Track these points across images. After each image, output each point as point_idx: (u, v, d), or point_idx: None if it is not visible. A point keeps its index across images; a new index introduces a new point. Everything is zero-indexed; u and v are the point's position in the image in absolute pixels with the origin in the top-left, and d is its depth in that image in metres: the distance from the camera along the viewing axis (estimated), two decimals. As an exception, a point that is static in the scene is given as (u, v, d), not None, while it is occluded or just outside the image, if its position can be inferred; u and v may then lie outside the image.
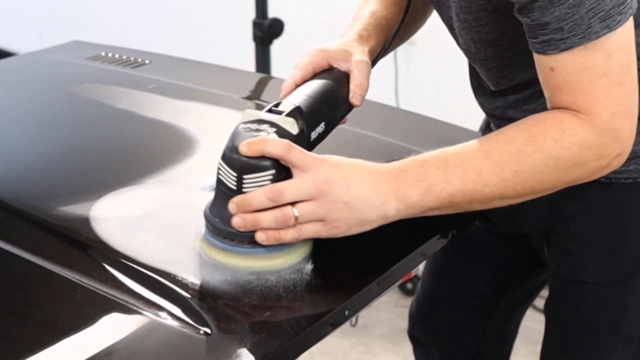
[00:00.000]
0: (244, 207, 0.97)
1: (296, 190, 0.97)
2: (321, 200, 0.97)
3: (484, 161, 1.02)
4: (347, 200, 0.98)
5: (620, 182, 1.20)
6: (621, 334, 1.26)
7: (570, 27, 0.99)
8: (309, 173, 0.97)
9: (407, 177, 1.01)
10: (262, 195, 0.96)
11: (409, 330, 1.61)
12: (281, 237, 0.98)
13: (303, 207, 0.97)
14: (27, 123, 1.41)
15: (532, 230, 1.35)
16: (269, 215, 0.97)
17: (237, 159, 0.97)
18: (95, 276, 0.98)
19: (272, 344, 0.89)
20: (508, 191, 1.03)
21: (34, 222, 1.08)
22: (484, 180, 1.01)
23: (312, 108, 1.08)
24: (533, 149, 1.02)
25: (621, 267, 1.24)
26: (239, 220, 0.97)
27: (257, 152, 0.97)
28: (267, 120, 1.02)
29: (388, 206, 1.00)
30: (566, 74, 1.02)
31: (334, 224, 0.98)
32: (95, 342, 0.89)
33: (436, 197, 1.01)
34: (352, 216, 0.99)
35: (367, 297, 1.00)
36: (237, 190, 0.97)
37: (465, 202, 1.03)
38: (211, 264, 1.00)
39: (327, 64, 1.19)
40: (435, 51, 2.67)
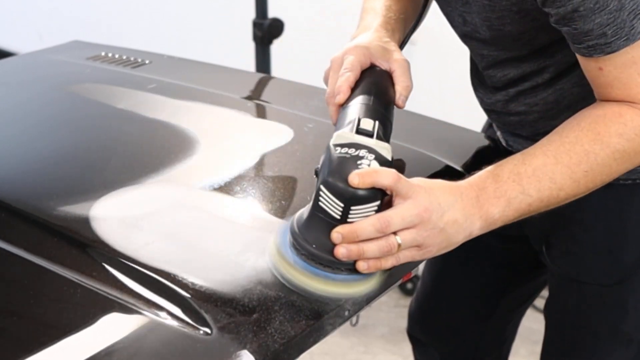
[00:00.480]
0: (350, 237, 0.96)
1: (402, 220, 0.97)
2: (421, 228, 0.98)
3: (555, 167, 1.04)
4: (442, 226, 0.99)
5: (619, 183, 1.20)
6: (621, 335, 1.26)
7: (613, 31, 1.00)
8: (410, 201, 0.97)
9: (487, 195, 1.02)
10: (370, 226, 0.96)
11: (409, 330, 1.61)
12: (382, 265, 0.98)
13: (405, 235, 0.97)
14: (27, 123, 1.41)
15: (532, 231, 1.35)
16: (374, 245, 0.96)
17: (346, 189, 0.95)
18: (95, 276, 0.98)
19: (272, 344, 0.89)
20: (581, 189, 1.06)
21: (34, 222, 1.08)
22: (559, 185, 1.04)
23: (384, 123, 1.08)
24: (600, 147, 1.04)
25: (621, 268, 1.24)
26: (344, 250, 0.96)
27: (369, 184, 0.95)
28: (364, 146, 0.99)
29: (473, 226, 1.02)
30: (616, 72, 1.04)
31: (428, 248, 1.00)
32: (95, 342, 0.89)
33: (516, 209, 1.03)
34: (444, 240, 1.00)
35: (367, 297, 1.00)
36: (340, 220, 0.96)
37: (542, 208, 1.06)
38: (211, 263, 1.01)
39: (370, 62, 1.19)
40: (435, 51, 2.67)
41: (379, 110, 1.09)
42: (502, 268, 1.49)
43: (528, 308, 1.58)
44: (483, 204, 1.02)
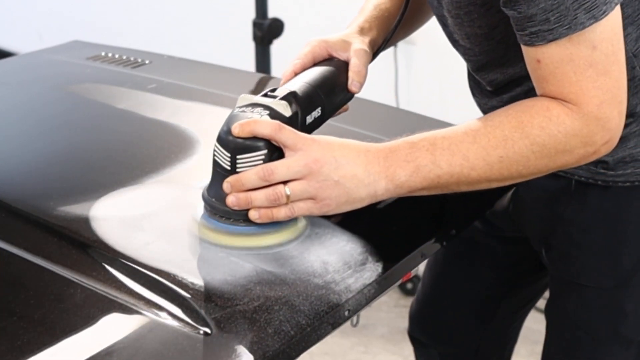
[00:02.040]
0: (237, 186, 1.01)
1: (287, 169, 1.01)
2: (312, 179, 1.01)
3: (472, 145, 1.04)
4: (337, 179, 1.01)
5: (618, 185, 1.20)
6: (621, 338, 1.26)
7: (556, 18, 1.00)
8: (300, 152, 1.01)
9: (397, 157, 1.04)
10: (254, 174, 1.01)
11: (409, 331, 1.61)
12: (274, 215, 1.01)
13: (294, 185, 1.01)
14: (27, 123, 1.41)
15: (532, 233, 1.35)
16: (261, 194, 1.01)
17: (231, 140, 1.01)
18: (95, 276, 0.98)
19: (272, 344, 0.89)
20: (494, 175, 1.05)
21: (34, 222, 1.08)
22: (471, 164, 1.04)
23: (308, 93, 1.12)
24: (519, 136, 1.04)
25: (620, 271, 1.24)
26: (233, 199, 1.01)
27: (248, 133, 1.01)
28: (260, 104, 1.06)
29: (377, 185, 1.03)
30: (552, 66, 1.03)
31: (324, 201, 1.02)
32: (95, 342, 0.89)
33: (424, 177, 1.04)
34: (342, 194, 1.02)
35: (367, 297, 1.00)
36: (231, 170, 1.02)
37: (452, 184, 1.06)
38: (211, 263, 1.01)
39: (327, 54, 1.23)
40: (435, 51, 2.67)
41: (305, 83, 1.13)
42: (503, 270, 1.48)
43: (530, 310, 1.58)
44: (390, 165, 1.03)
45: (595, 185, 1.21)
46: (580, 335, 1.29)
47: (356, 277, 1.01)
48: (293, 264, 1.01)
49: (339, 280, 1.00)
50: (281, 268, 1.00)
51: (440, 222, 1.22)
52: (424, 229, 1.15)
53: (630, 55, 1.13)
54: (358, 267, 1.03)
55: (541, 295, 1.55)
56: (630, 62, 1.14)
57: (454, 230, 1.19)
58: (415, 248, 1.10)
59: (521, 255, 1.44)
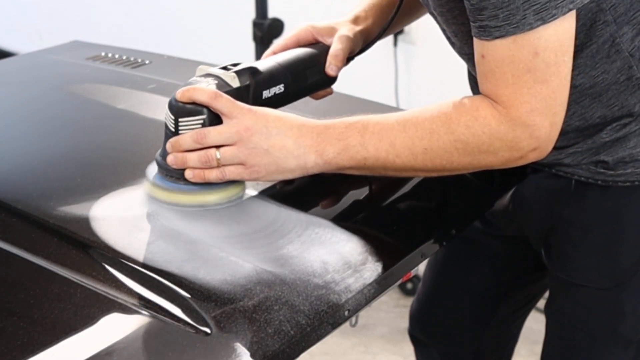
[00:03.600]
0: (176, 147, 1.09)
1: (219, 135, 1.08)
2: (241, 145, 1.08)
3: (400, 133, 1.08)
4: (266, 147, 1.08)
5: (618, 185, 1.20)
6: (619, 338, 1.26)
7: (505, 15, 1.00)
8: (234, 120, 1.08)
9: (330, 134, 1.09)
10: (189, 137, 1.09)
11: (410, 330, 1.61)
12: (205, 176, 1.09)
13: (225, 150, 1.08)
14: (27, 123, 1.41)
15: (531, 232, 1.35)
16: (195, 155, 1.09)
17: (174, 104, 1.10)
18: (95, 276, 0.98)
19: (272, 344, 0.89)
20: (418, 165, 1.09)
21: (34, 222, 1.08)
22: (396, 151, 1.08)
23: (270, 69, 1.18)
24: (445, 131, 1.07)
25: (619, 271, 1.24)
26: (172, 158, 1.10)
27: (187, 99, 1.09)
28: (212, 74, 1.13)
29: (307, 158, 1.09)
30: (493, 64, 1.05)
31: (253, 168, 1.09)
32: (95, 342, 0.89)
33: (351, 157, 1.09)
34: (271, 162, 1.08)
35: (367, 297, 1.00)
36: (174, 132, 1.10)
37: (379, 168, 1.10)
38: (211, 263, 1.01)
39: (312, 38, 1.28)
40: (435, 51, 2.67)
41: (271, 60, 1.20)
42: (503, 270, 1.48)
43: (530, 311, 1.58)
44: (322, 141, 1.09)
45: (595, 185, 1.21)
46: (578, 335, 1.29)
47: (356, 277, 1.01)
48: (293, 264, 1.01)
49: (339, 280, 1.00)
50: (281, 268, 1.00)
51: (440, 222, 1.22)
52: (424, 229, 1.15)
53: (627, 55, 1.13)
54: (358, 267, 1.03)
55: (542, 296, 1.55)
56: (627, 62, 1.13)
57: (453, 230, 1.19)
58: (415, 248, 1.10)
59: (521, 255, 1.44)
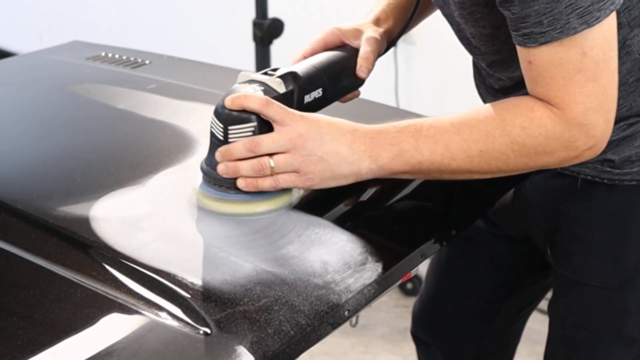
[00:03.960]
0: (227, 155, 1.07)
1: (272, 143, 1.06)
2: (295, 153, 1.06)
3: (455, 136, 1.07)
4: (320, 154, 1.06)
5: (624, 184, 1.20)
6: (623, 337, 1.26)
7: (549, 21, 1.00)
8: (287, 127, 1.06)
9: (383, 139, 1.08)
10: (241, 145, 1.07)
11: (412, 330, 1.61)
12: (259, 185, 1.07)
13: (279, 158, 1.06)
14: (27, 123, 1.41)
15: (536, 231, 1.35)
16: (247, 164, 1.07)
17: (223, 112, 1.08)
18: (95, 276, 0.98)
19: (272, 344, 0.89)
20: (474, 167, 1.08)
21: (34, 222, 1.08)
22: (452, 154, 1.07)
23: (309, 74, 1.17)
24: (500, 133, 1.06)
25: (624, 270, 1.24)
26: (223, 167, 1.08)
27: (238, 106, 1.07)
28: (257, 80, 1.12)
29: (361, 164, 1.07)
30: (542, 68, 1.04)
31: (308, 175, 1.07)
32: (95, 342, 0.89)
33: (405, 162, 1.07)
34: (326, 169, 1.07)
35: (367, 297, 1.00)
36: (224, 140, 1.08)
37: (434, 172, 1.09)
38: (211, 263, 1.01)
39: (339, 41, 1.26)
40: (435, 51, 2.67)
41: (309, 65, 1.19)
42: (506, 270, 1.49)
43: (532, 311, 1.58)
44: (375, 146, 1.07)
45: (601, 184, 1.21)
46: (582, 333, 1.29)
47: (356, 277, 1.01)
48: (293, 264, 1.01)
49: (339, 280, 1.00)
50: (281, 268, 1.00)
51: (440, 222, 1.22)
52: (424, 229, 1.15)
53: (637, 57, 1.14)
54: (358, 267, 1.03)
55: (544, 296, 1.55)
56: (637, 63, 1.14)
57: (454, 231, 1.19)
58: (415, 248, 1.10)
59: (524, 256, 1.44)
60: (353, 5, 1.47)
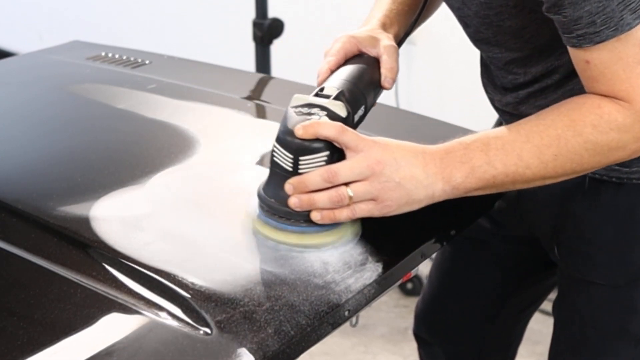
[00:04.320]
0: (300, 187, 1.01)
1: (350, 171, 1.01)
2: (374, 180, 1.01)
3: (525, 145, 1.05)
4: (398, 180, 1.02)
5: (633, 182, 1.20)
6: (629, 336, 1.26)
7: (602, 20, 1.00)
8: (362, 154, 1.01)
9: (452, 159, 1.04)
10: (317, 176, 1.01)
11: (414, 329, 1.61)
12: (336, 217, 1.02)
13: (357, 187, 1.01)
14: (27, 123, 1.41)
15: (541, 230, 1.35)
16: (324, 195, 1.01)
17: (293, 141, 1.01)
18: (95, 276, 0.98)
19: (272, 344, 0.89)
20: (549, 173, 1.06)
21: (34, 222, 1.08)
22: (525, 163, 1.05)
23: (352, 92, 1.12)
24: (572, 134, 1.04)
25: (631, 269, 1.24)
26: (296, 200, 1.01)
27: (312, 135, 1.01)
28: (316, 104, 1.05)
29: (435, 187, 1.04)
30: (601, 66, 1.04)
31: (385, 202, 1.02)
32: (95, 342, 0.89)
33: (479, 178, 1.05)
34: (403, 195, 1.02)
35: (367, 297, 1.00)
36: (292, 171, 1.01)
37: (508, 183, 1.06)
38: (211, 263, 1.01)
39: (357, 50, 1.23)
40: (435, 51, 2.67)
41: (348, 82, 1.13)
42: (509, 270, 1.48)
43: (535, 312, 1.58)
44: (447, 167, 1.04)
45: (609, 182, 1.21)
46: (588, 332, 1.29)
47: (356, 277, 1.01)
48: (293, 264, 1.01)
49: (339, 280, 1.00)
50: (281, 268, 1.00)
51: (440, 222, 1.21)
52: (424, 229, 1.15)
53: None
54: (358, 267, 1.03)
55: (546, 297, 1.55)
56: None
57: (453, 231, 1.19)
58: (415, 248, 1.10)
59: (527, 256, 1.44)
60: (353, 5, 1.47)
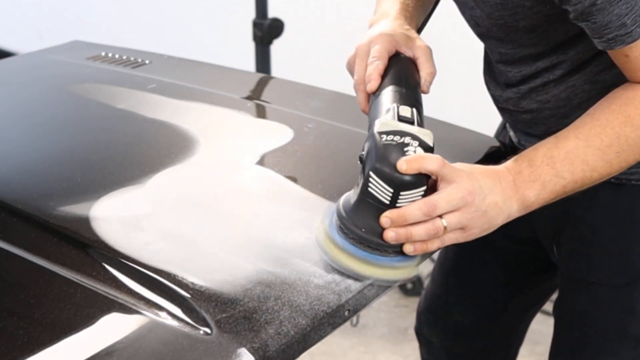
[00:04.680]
0: (399, 222, 1.00)
1: (447, 204, 1.01)
2: (465, 210, 1.02)
3: (587, 149, 1.06)
4: (485, 209, 1.03)
5: (631, 183, 1.20)
6: (629, 336, 1.26)
7: (632, 20, 1.01)
8: (454, 185, 1.01)
9: (523, 179, 1.06)
10: (418, 210, 1.00)
11: (416, 327, 1.61)
12: (428, 248, 1.02)
13: (451, 217, 1.01)
14: (27, 123, 1.41)
15: (542, 231, 1.35)
16: (422, 229, 1.00)
17: (395, 175, 0.99)
18: (95, 276, 0.98)
19: (272, 344, 0.89)
20: (614, 169, 1.08)
21: (34, 222, 1.08)
22: (591, 167, 1.07)
23: (419, 111, 1.10)
24: (631, 129, 1.06)
25: (631, 269, 1.24)
26: (393, 234, 1.00)
27: (416, 170, 0.99)
28: (407, 133, 1.03)
29: (511, 209, 1.06)
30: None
31: (471, 231, 1.04)
32: (95, 342, 0.89)
33: (551, 191, 1.07)
34: (486, 222, 1.04)
35: (367, 297, 1.00)
36: (389, 205, 1.00)
37: (578, 188, 1.09)
38: (211, 263, 1.01)
39: (394, 50, 1.21)
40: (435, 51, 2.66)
41: (412, 97, 1.13)
42: (511, 270, 1.48)
43: (537, 312, 1.58)
44: (519, 188, 1.06)
45: (608, 183, 1.21)
46: (588, 332, 1.29)
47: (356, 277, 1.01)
48: (293, 264, 1.01)
49: (339, 280, 1.00)
50: (281, 268, 1.00)
51: (440, 222, 1.22)
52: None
53: None
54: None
55: (549, 298, 1.55)
56: None
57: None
58: (415, 248, 1.10)
59: (531, 256, 1.44)
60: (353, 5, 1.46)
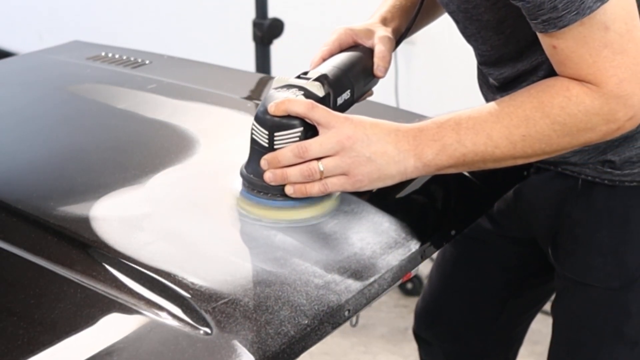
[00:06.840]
0: (274, 163, 1.06)
1: (320, 147, 1.05)
2: (344, 155, 1.05)
3: (495, 125, 1.07)
4: (368, 155, 1.06)
5: (625, 185, 1.20)
6: (625, 338, 1.26)
7: (563, 5, 1.00)
8: (333, 130, 1.06)
9: (424, 136, 1.08)
10: (289, 152, 1.06)
11: (414, 329, 1.61)
12: (308, 190, 1.07)
13: (328, 161, 1.06)
14: (27, 123, 1.41)
15: (538, 232, 1.35)
16: (296, 170, 1.06)
17: (268, 118, 1.07)
18: (95, 276, 0.98)
19: (272, 344, 0.89)
20: (518, 152, 1.08)
21: (34, 222, 1.08)
22: (495, 143, 1.07)
23: (337, 76, 1.17)
24: (540, 115, 1.06)
25: (626, 272, 1.24)
26: (270, 175, 1.07)
27: (282, 112, 1.06)
28: (295, 85, 1.11)
29: (407, 163, 1.07)
30: (567, 51, 1.04)
31: (357, 177, 1.06)
32: (95, 342, 0.89)
33: (450, 156, 1.08)
34: (374, 170, 1.06)
35: (367, 297, 1.00)
36: (268, 147, 1.07)
37: (478, 162, 1.09)
38: (211, 263, 1.01)
39: (352, 41, 1.27)
40: (435, 51, 2.67)
41: (334, 67, 1.18)
42: (511, 271, 1.48)
43: (537, 313, 1.58)
44: (419, 144, 1.07)
45: (602, 185, 1.21)
46: (584, 334, 1.29)
47: (356, 277, 1.01)
48: (293, 264, 1.01)
49: (339, 280, 1.00)
50: (281, 268, 1.00)
51: (440, 222, 1.22)
52: (424, 229, 1.15)
53: None
54: (358, 267, 1.03)
55: (548, 299, 1.55)
56: None
57: (454, 231, 1.19)
58: (415, 248, 1.10)
59: (529, 257, 1.44)
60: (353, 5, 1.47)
